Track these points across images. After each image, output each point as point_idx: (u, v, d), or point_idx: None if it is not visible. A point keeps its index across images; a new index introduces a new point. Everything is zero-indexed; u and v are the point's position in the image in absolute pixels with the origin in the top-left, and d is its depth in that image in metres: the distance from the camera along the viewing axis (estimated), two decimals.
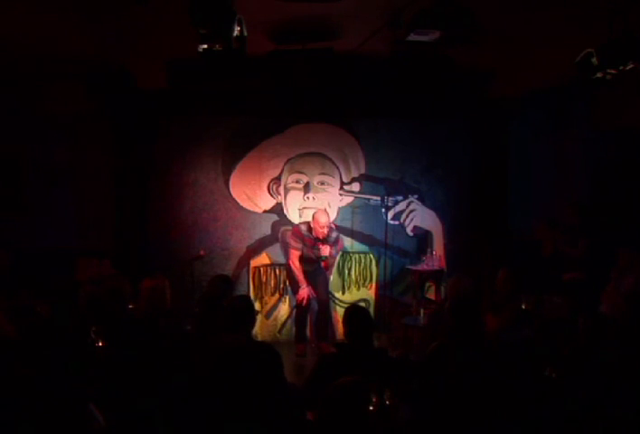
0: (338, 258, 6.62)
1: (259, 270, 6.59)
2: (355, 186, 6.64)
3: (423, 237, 6.73)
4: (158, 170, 6.42)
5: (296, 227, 6.13)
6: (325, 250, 5.84)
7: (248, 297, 5.61)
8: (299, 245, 6.00)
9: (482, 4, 3.93)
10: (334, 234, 5.99)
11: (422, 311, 5.83)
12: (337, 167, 6.59)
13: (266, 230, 6.56)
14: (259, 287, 6.57)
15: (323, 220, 5.85)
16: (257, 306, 6.45)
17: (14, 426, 2.49)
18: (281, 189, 6.53)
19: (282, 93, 6.07)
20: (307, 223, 6.02)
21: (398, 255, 6.67)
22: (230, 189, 6.51)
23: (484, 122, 6.68)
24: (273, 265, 6.61)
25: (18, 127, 6.20)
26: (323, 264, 6.06)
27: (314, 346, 6.22)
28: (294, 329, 6.42)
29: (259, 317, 6.30)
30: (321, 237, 5.86)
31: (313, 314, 6.39)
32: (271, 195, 6.52)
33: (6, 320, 3.91)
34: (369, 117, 6.54)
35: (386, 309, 6.57)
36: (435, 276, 6.40)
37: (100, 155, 6.31)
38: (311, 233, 5.93)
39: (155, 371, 3.22)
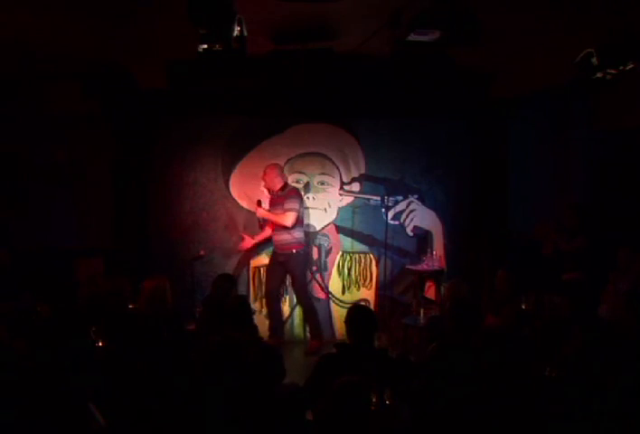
0: (338, 258, 6.63)
1: (259, 270, 6.58)
2: (355, 186, 6.63)
3: (423, 237, 6.72)
4: (158, 170, 6.42)
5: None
6: (259, 211, 6.00)
7: (243, 296, 5.59)
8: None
9: (482, 5, 3.93)
10: (288, 188, 6.09)
11: (422, 311, 5.83)
12: (337, 167, 6.59)
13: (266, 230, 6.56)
14: (259, 287, 6.56)
15: (266, 171, 6.08)
16: (257, 306, 6.46)
17: (14, 426, 2.49)
18: None
19: (282, 93, 6.06)
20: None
21: (398, 255, 6.66)
22: (230, 189, 6.50)
23: (485, 122, 6.66)
24: None
25: (17, 127, 6.19)
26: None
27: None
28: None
29: (259, 317, 6.29)
30: (267, 187, 6.13)
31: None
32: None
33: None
34: (369, 117, 6.52)
35: (386, 309, 6.56)
36: (435, 276, 6.40)
37: (100, 156, 6.30)
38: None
39: (155, 371, 3.22)
